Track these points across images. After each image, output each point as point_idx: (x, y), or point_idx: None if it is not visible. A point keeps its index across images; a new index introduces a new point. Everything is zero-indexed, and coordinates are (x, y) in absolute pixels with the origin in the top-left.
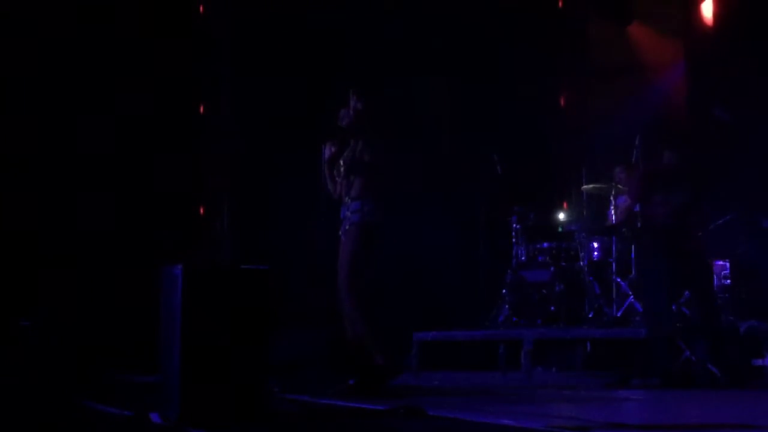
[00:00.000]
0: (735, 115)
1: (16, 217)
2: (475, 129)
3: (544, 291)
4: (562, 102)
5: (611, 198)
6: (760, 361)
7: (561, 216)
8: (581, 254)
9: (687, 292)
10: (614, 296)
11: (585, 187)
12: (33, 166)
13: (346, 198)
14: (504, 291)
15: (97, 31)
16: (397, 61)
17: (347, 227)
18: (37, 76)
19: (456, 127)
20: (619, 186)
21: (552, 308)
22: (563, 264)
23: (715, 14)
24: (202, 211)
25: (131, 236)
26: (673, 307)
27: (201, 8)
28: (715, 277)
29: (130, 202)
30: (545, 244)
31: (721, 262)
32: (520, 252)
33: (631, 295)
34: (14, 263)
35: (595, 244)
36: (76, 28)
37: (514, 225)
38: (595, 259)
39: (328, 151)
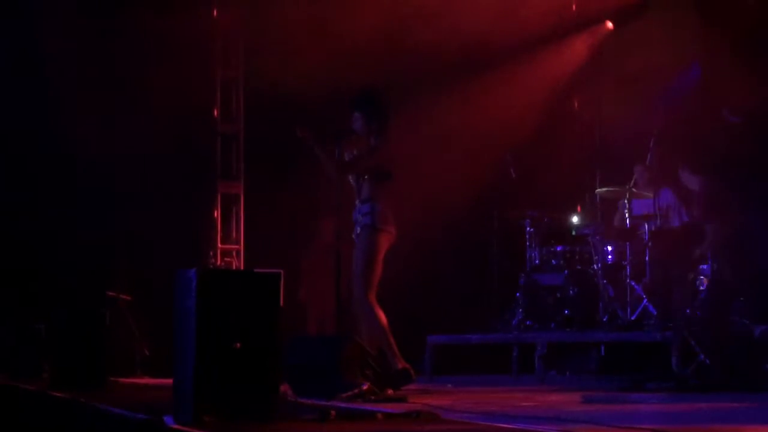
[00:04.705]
0: (745, 116)
1: (27, 224)
2: (488, 132)
3: (558, 294)
4: (576, 105)
5: (625, 201)
6: None
7: (575, 219)
8: (595, 257)
9: (702, 295)
10: (628, 300)
11: (599, 190)
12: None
13: (357, 201)
14: (518, 294)
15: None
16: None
17: (359, 230)
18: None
19: (468, 129)
20: (634, 190)
21: (566, 312)
22: (577, 267)
23: None
24: (216, 215)
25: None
26: (687, 311)
27: (214, 12)
28: None
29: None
30: (559, 248)
31: None
32: (533, 255)
33: (645, 299)
34: (28, 268)
35: (609, 248)
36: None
37: (528, 228)
38: (609, 262)
39: (347, 154)
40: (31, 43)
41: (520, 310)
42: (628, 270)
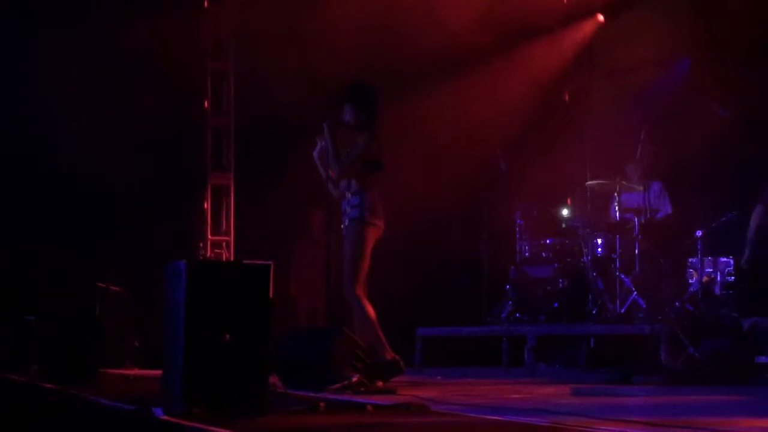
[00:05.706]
0: (734, 111)
1: (17, 217)
2: (478, 125)
3: (548, 287)
4: (566, 97)
5: (615, 194)
6: (763, 358)
7: (564, 212)
8: (585, 250)
9: (691, 288)
10: (617, 292)
11: (589, 183)
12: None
13: (347, 192)
14: (507, 287)
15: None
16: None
17: (347, 223)
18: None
19: (458, 123)
20: (624, 183)
21: (555, 304)
22: (567, 260)
23: None
24: (206, 206)
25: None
26: (677, 303)
27: (206, 3)
28: (718, 273)
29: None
30: (549, 240)
31: (725, 259)
32: (523, 248)
33: (634, 292)
34: (19, 261)
35: (599, 240)
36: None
37: (518, 221)
38: (598, 255)
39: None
40: (22, 33)
41: (510, 302)
42: (618, 263)
